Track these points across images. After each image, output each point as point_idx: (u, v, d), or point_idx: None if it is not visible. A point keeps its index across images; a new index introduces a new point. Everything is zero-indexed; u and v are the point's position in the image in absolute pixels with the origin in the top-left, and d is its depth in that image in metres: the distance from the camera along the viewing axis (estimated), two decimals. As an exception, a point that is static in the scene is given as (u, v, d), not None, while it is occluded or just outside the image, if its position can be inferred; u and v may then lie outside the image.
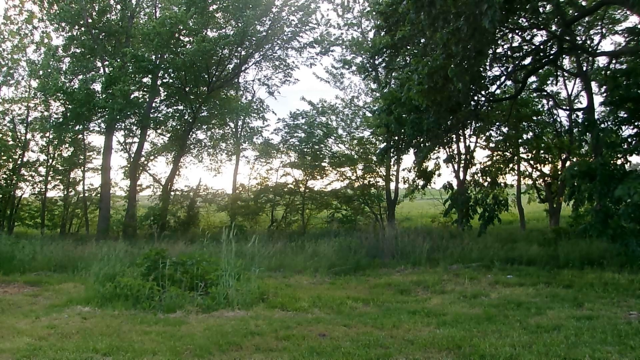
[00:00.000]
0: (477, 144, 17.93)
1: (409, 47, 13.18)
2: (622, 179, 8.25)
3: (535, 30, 12.12)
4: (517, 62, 12.38)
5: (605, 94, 12.26)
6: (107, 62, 18.07)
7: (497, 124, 16.16)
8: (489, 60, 11.51)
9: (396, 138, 14.10)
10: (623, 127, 9.85)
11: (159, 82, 19.60)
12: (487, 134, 16.92)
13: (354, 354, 4.68)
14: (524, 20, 11.47)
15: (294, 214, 21.46)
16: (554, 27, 11.84)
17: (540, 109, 17.30)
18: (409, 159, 42.78)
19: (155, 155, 22.33)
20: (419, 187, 17.24)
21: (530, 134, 17.07)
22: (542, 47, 12.24)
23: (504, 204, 13.03)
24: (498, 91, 13.82)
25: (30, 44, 20.24)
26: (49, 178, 21.13)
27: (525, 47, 12.54)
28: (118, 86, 16.35)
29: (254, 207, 20.74)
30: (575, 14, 12.50)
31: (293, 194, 21.21)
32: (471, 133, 17.71)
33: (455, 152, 17.89)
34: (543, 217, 20.36)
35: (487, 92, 12.27)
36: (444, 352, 4.74)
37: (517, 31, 12.12)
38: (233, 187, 22.09)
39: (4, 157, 19.73)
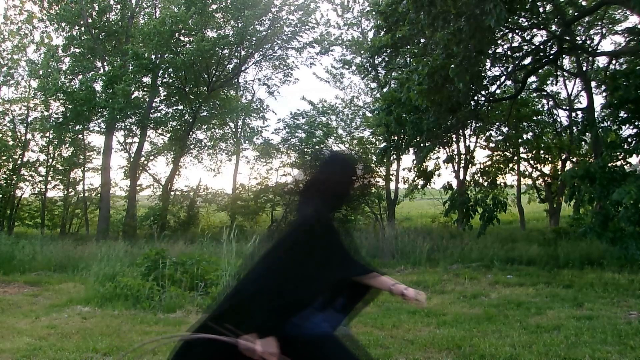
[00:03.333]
0: (477, 144, 17.96)
1: (408, 47, 13.18)
2: (621, 181, 8.23)
3: (535, 30, 12.11)
4: (517, 62, 12.38)
5: (605, 95, 12.26)
6: (107, 62, 18.09)
7: (497, 124, 16.16)
8: (489, 60, 11.51)
9: (396, 138, 14.11)
10: (623, 127, 9.83)
11: (158, 82, 19.62)
12: (487, 134, 16.92)
13: (354, 354, 4.67)
14: (524, 20, 11.46)
15: (294, 214, 21.45)
16: (554, 27, 11.83)
17: (540, 109, 17.30)
18: (408, 158, 42.77)
19: (155, 155, 22.36)
20: (419, 187, 17.24)
21: (530, 134, 17.08)
22: (542, 47, 12.23)
23: (503, 205, 13.02)
24: (498, 91, 13.82)
25: (30, 44, 20.29)
26: (49, 178, 21.16)
27: (525, 47, 12.53)
28: (120, 86, 16.36)
29: (254, 207, 20.76)
30: (575, 14, 12.50)
31: (293, 194, 21.20)
32: (471, 133, 17.73)
33: (455, 152, 17.91)
34: (543, 217, 20.37)
35: (487, 92, 12.26)
36: (444, 352, 4.74)
37: (517, 31, 12.12)
38: (233, 187, 22.11)
39: (4, 157, 19.75)
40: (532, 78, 15.74)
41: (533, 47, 12.30)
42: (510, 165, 17.71)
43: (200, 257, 8.00)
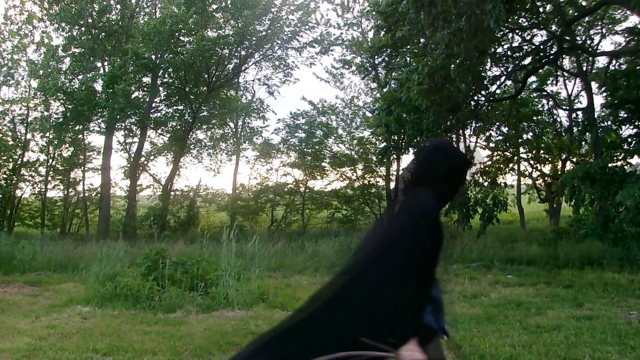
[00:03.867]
0: (477, 144, 17.96)
1: (408, 47, 13.18)
2: (622, 181, 8.22)
3: (535, 30, 12.11)
4: (517, 62, 12.37)
5: (605, 95, 12.24)
6: (107, 62, 18.09)
7: (497, 124, 16.17)
8: (489, 60, 11.50)
9: (396, 138, 14.11)
10: (623, 127, 9.81)
11: (158, 82, 19.62)
12: (487, 134, 16.93)
13: (354, 354, 4.66)
14: (524, 20, 11.46)
15: (294, 214, 21.49)
16: (554, 27, 11.83)
17: (540, 109, 17.31)
18: (409, 158, 42.72)
19: (155, 155, 22.36)
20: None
21: (530, 134, 17.08)
22: (542, 47, 12.22)
23: (503, 205, 13.01)
24: (498, 91, 13.82)
25: (30, 44, 20.27)
26: (49, 178, 21.15)
27: (525, 47, 12.52)
28: (120, 86, 16.36)
29: (254, 207, 20.77)
30: (575, 14, 12.49)
31: (293, 194, 21.23)
32: (471, 133, 17.73)
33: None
34: (543, 217, 20.37)
35: (487, 92, 12.26)
36: (444, 352, 4.73)
37: (517, 31, 12.11)
38: (233, 187, 22.12)
39: (4, 157, 19.74)
40: (532, 78, 15.73)
41: (533, 47, 12.29)
42: (510, 165, 17.71)
43: (200, 257, 8.00)
